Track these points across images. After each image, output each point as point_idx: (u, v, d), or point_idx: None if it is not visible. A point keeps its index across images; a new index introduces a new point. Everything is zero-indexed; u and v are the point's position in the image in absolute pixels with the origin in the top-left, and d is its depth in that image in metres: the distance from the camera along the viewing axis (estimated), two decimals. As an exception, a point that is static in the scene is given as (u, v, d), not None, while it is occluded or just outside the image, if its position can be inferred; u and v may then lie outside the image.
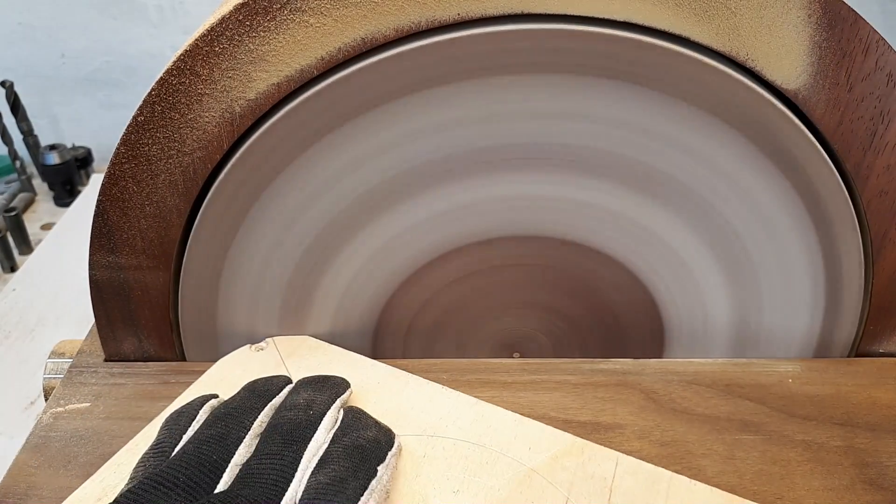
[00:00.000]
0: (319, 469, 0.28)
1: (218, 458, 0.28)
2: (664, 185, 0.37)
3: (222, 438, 0.29)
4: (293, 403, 0.32)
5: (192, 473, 0.28)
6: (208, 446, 0.29)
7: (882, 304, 0.39)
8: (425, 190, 0.37)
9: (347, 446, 0.29)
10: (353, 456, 0.29)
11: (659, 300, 0.41)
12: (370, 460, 0.29)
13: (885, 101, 0.34)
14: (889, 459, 0.34)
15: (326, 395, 0.32)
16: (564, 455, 0.33)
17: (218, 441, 0.29)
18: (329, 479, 0.27)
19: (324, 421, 0.31)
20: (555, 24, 0.33)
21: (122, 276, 0.38)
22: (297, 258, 0.39)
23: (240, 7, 0.32)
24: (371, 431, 0.31)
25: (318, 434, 0.30)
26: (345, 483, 0.27)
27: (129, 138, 0.34)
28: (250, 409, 0.31)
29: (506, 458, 0.32)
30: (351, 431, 0.30)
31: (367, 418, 0.32)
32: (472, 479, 0.32)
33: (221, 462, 0.28)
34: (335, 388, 0.33)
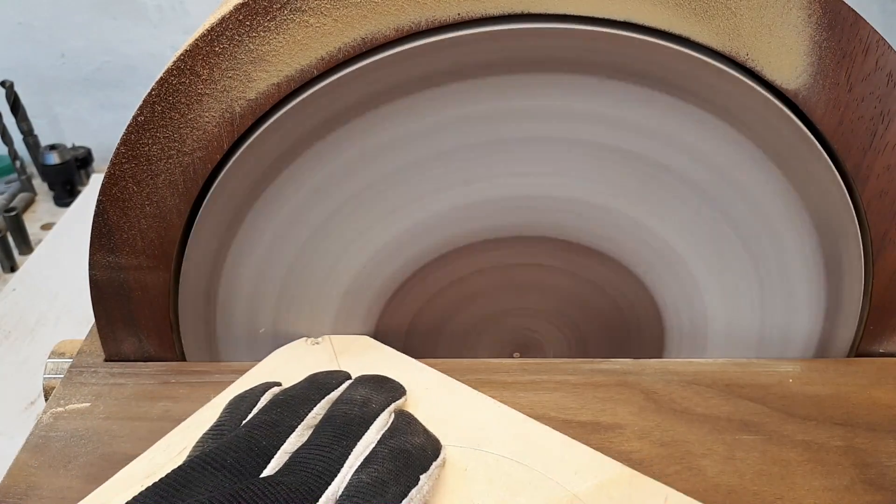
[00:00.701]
0: (363, 468, 0.28)
1: (268, 443, 0.29)
2: (663, 185, 0.37)
3: (275, 425, 0.30)
4: (350, 398, 0.32)
5: (241, 456, 0.28)
6: (259, 431, 0.29)
7: (882, 304, 0.39)
8: (426, 190, 0.37)
9: (393, 449, 0.29)
10: (397, 459, 0.29)
11: (658, 300, 0.41)
12: (414, 467, 0.29)
13: (886, 101, 0.34)
14: (889, 459, 0.34)
15: (383, 396, 0.32)
16: (611, 484, 0.31)
17: (270, 427, 0.29)
18: (371, 479, 0.27)
19: (376, 421, 0.31)
20: (555, 23, 0.33)
21: (122, 276, 0.38)
22: (297, 258, 0.39)
23: (240, 7, 0.32)
24: (419, 438, 0.31)
25: (370, 433, 0.30)
26: (385, 486, 0.27)
27: (129, 138, 0.34)
28: (307, 399, 0.31)
29: (550, 481, 0.31)
30: (399, 434, 0.30)
31: (417, 424, 0.32)
32: (512, 500, 0.31)
33: (271, 448, 0.29)
34: (392, 391, 0.33)
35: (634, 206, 0.38)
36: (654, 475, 0.33)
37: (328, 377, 0.34)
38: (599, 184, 0.37)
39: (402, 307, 0.41)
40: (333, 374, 0.34)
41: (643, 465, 0.34)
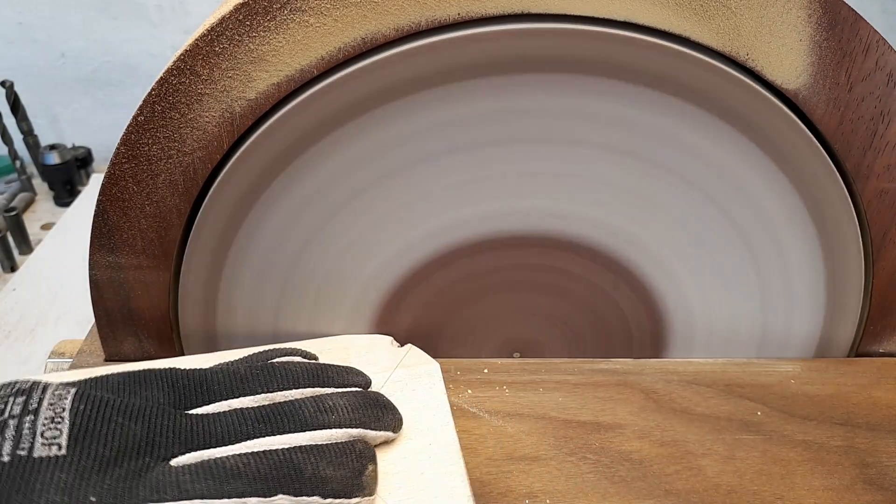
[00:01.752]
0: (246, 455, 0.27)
1: (218, 389, 0.31)
2: (663, 184, 0.37)
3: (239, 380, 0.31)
4: (321, 401, 0.31)
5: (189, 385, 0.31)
6: (222, 377, 0.31)
7: (882, 304, 0.40)
8: (425, 190, 0.37)
9: (291, 461, 0.28)
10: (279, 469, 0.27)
11: (658, 300, 0.41)
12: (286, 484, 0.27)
13: (886, 101, 0.34)
14: (889, 459, 0.34)
15: (354, 416, 0.31)
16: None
17: (233, 379, 0.31)
18: (232, 465, 0.27)
19: (320, 432, 0.30)
20: (555, 23, 0.33)
21: (122, 276, 0.38)
22: (297, 258, 0.39)
23: (240, 7, 0.32)
24: (335, 471, 0.28)
25: (300, 435, 0.29)
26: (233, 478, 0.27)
27: (129, 138, 0.34)
28: (292, 378, 0.32)
29: None
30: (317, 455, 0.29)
31: (352, 461, 0.29)
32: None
33: (217, 394, 0.31)
34: (372, 419, 0.31)
35: (634, 205, 0.38)
36: (654, 475, 0.33)
37: (340, 374, 0.33)
38: (599, 183, 0.37)
39: (403, 307, 0.41)
40: (350, 375, 0.34)
41: (643, 464, 0.34)
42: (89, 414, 0.27)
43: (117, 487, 0.25)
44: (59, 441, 0.26)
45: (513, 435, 0.35)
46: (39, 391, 0.27)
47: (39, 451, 0.25)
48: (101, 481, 0.25)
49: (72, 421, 0.26)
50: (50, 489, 0.24)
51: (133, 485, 0.26)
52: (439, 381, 0.37)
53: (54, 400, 0.27)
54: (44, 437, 0.25)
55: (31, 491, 0.24)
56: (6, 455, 0.25)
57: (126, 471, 0.26)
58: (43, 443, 0.25)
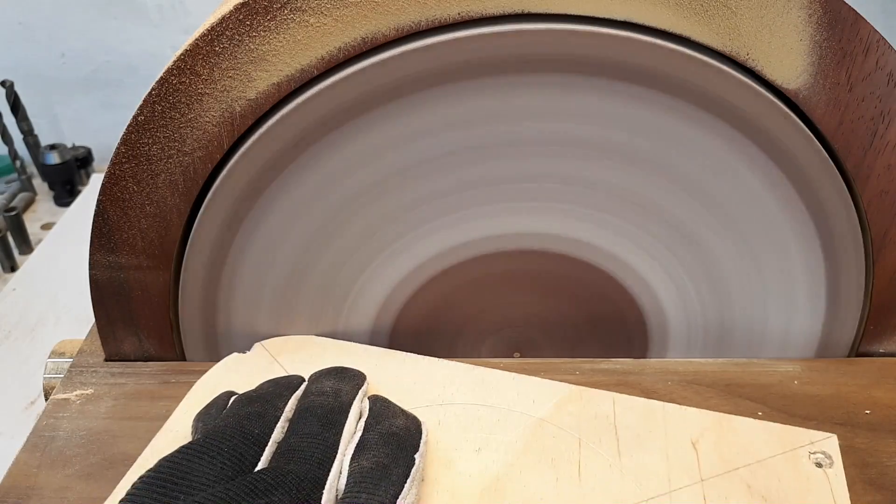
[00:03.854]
0: (360, 454, 0.29)
1: (259, 432, 0.29)
2: (663, 184, 0.37)
3: (261, 416, 0.30)
4: (319, 390, 0.32)
5: (236, 444, 0.28)
6: (248, 421, 0.29)
7: (882, 304, 0.39)
8: (425, 190, 0.37)
9: (383, 434, 0.30)
10: (389, 443, 0.30)
11: (658, 300, 0.41)
12: (406, 448, 0.30)
13: (886, 100, 0.34)
14: (889, 459, 0.34)
15: (350, 385, 0.33)
16: (567, 402, 0.35)
17: (258, 417, 0.30)
18: (372, 464, 0.28)
19: (352, 409, 0.31)
20: (555, 23, 0.33)
21: (122, 276, 0.38)
22: (297, 258, 0.39)
23: (240, 7, 0.32)
24: (400, 420, 0.32)
25: (350, 420, 0.31)
26: (387, 469, 0.28)
27: (129, 138, 0.34)
28: (278, 395, 0.32)
29: (515, 413, 0.35)
30: (383, 420, 0.31)
31: (393, 406, 0.33)
32: (490, 437, 0.34)
33: (262, 436, 0.29)
34: (355, 378, 0.34)
35: (634, 204, 0.38)
36: (655, 475, 0.33)
37: (287, 378, 0.34)
38: (598, 183, 0.37)
39: (403, 307, 0.41)
40: (291, 377, 0.34)
41: (643, 464, 0.34)
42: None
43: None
44: None
45: (513, 435, 0.35)
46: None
47: None
48: None
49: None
50: None
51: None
52: (311, 338, 0.40)
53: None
54: None
55: None
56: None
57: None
58: None
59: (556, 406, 0.35)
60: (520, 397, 0.36)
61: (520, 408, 0.35)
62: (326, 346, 0.40)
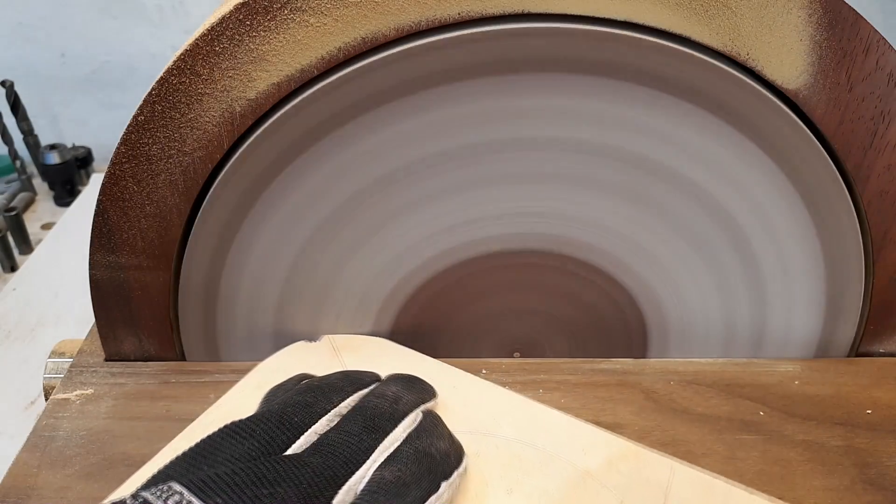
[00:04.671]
0: (387, 465, 0.28)
1: (299, 420, 0.29)
2: (662, 184, 0.37)
3: (308, 406, 0.30)
4: (381, 393, 0.32)
5: (271, 428, 0.28)
6: (293, 409, 0.29)
7: (882, 304, 0.39)
8: (425, 190, 0.37)
9: (418, 450, 0.29)
10: (421, 462, 0.29)
11: (658, 300, 0.41)
12: (436, 473, 0.29)
13: (886, 100, 0.34)
14: (889, 459, 0.34)
15: (414, 396, 0.32)
16: (619, 459, 0.32)
17: (303, 407, 0.30)
18: (393, 478, 0.27)
19: (405, 419, 0.31)
20: (555, 23, 0.33)
21: (122, 276, 0.38)
22: (297, 258, 0.39)
23: (240, 7, 0.32)
24: (444, 443, 0.30)
25: (397, 430, 0.30)
26: (406, 488, 0.27)
27: (129, 138, 0.34)
28: (340, 389, 0.32)
29: (560, 460, 0.32)
30: (425, 436, 0.30)
31: (443, 428, 0.32)
32: (526, 480, 0.31)
33: (302, 425, 0.29)
34: (422, 391, 0.33)
35: (633, 204, 0.38)
36: (655, 475, 0.33)
37: (361, 374, 0.34)
38: (598, 183, 0.37)
39: (404, 306, 0.41)
40: (365, 373, 0.34)
41: (643, 464, 0.34)
42: (234, 500, 0.24)
43: None
44: None
45: (513, 435, 0.35)
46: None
47: None
48: None
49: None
50: None
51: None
52: (378, 340, 0.39)
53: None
54: None
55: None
56: None
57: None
58: None
59: (606, 461, 0.32)
60: (570, 443, 0.33)
61: (567, 454, 0.32)
62: (388, 350, 0.39)
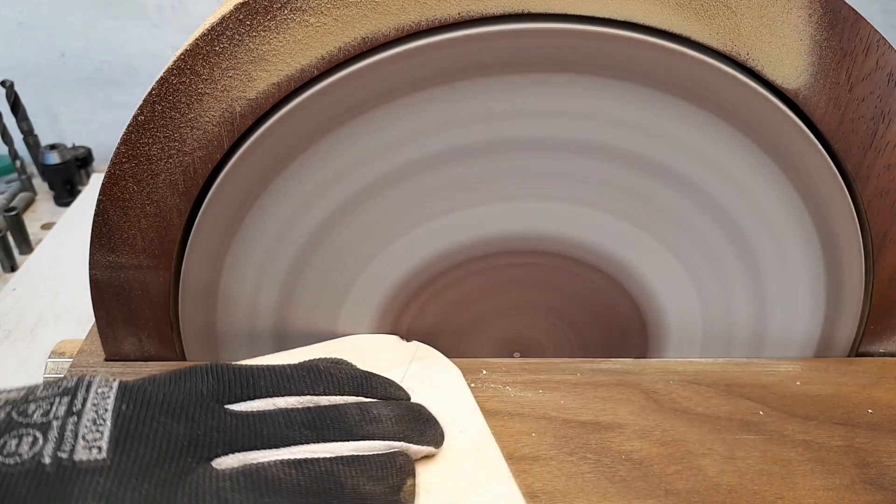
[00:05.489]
0: (288, 464, 0.27)
1: (265, 384, 0.30)
2: (662, 184, 0.37)
3: (285, 379, 0.31)
4: (366, 409, 0.31)
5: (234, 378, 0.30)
6: (269, 374, 0.31)
7: (882, 304, 0.40)
8: (425, 190, 0.37)
9: (331, 473, 0.28)
10: (320, 482, 0.27)
11: (658, 300, 0.41)
12: (324, 499, 0.27)
13: (886, 100, 0.34)
14: (889, 459, 0.34)
15: (398, 429, 0.31)
16: None
17: (279, 377, 0.31)
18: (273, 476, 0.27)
19: (363, 442, 0.29)
20: (555, 23, 0.33)
21: (122, 276, 0.38)
22: (297, 258, 0.39)
23: (240, 6, 0.32)
24: (374, 486, 0.28)
25: (345, 445, 0.29)
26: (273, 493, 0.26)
27: (129, 138, 0.34)
28: (337, 384, 0.32)
29: None
30: (358, 467, 0.28)
31: (392, 476, 0.29)
32: None
33: (263, 391, 0.30)
34: (415, 433, 0.31)
35: (633, 204, 0.38)
36: (655, 475, 0.33)
37: (383, 385, 0.33)
38: (598, 183, 0.37)
39: (404, 306, 0.41)
40: (391, 387, 0.33)
41: (643, 464, 0.34)
42: (131, 414, 0.26)
43: (156, 493, 0.25)
44: (100, 444, 0.25)
45: (513, 435, 0.35)
46: (84, 390, 0.26)
47: (80, 454, 0.24)
48: (140, 486, 0.24)
49: (113, 422, 0.26)
50: (87, 495, 0.24)
51: (172, 490, 0.25)
52: (455, 371, 0.37)
53: (97, 400, 0.26)
54: (85, 439, 0.25)
55: (69, 496, 0.23)
56: (48, 457, 0.24)
57: (167, 473, 0.25)
58: (84, 446, 0.25)
59: None
60: None
61: None
62: (451, 388, 0.36)
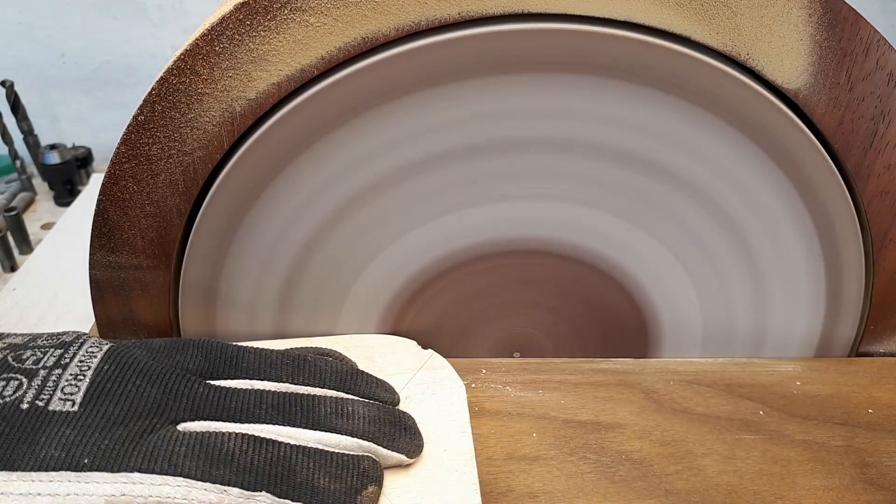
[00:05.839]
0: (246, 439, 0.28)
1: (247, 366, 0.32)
2: (663, 184, 0.37)
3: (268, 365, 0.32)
4: (342, 404, 0.31)
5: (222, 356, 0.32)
6: (253, 357, 0.32)
7: (882, 304, 0.40)
8: (425, 190, 0.37)
9: (287, 459, 0.28)
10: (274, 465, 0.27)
11: (658, 300, 0.41)
12: (272, 483, 0.27)
13: (886, 100, 0.34)
14: (889, 459, 0.34)
15: (370, 428, 0.30)
16: None
17: (262, 362, 0.32)
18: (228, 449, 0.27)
19: (331, 436, 0.29)
20: (555, 23, 0.33)
21: (122, 276, 0.38)
22: (297, 258, 0.39)
23: (240, 6, 0.32)
24: (331, 483, 0.28)
25: (309, 433, 0.29)
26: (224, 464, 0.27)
27: (129, 138, 0.34)
28: (319, 376, 0.32)
29: None
30: (317, 461, 0.28)
31: (352, 478, 0.29)
32: None
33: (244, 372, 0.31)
34: (387, 437, 0.31)
35: (633, 204, 0.38)
36: (655, 475, 0.33)
37: (369, 384, 0.33)
38: (598, 183, 0.37)
39: (404, 306, 0.41)
40: (378, 387, 0.34)
41: (643, 464, 0.34)
42: (110, 374, 0.28)
43: (114, 449, 0.26)
44: (75, 398, 0.27)
45: (513, 435, 0.35)
46: (76, 346, 0.28)
47: (55, 405, 0.26)
48: (101, 440, 0.26)
49: (91, 379, 0.27)
50: (52, 443, 0.25)
51: (130, 448, 0.26)
52: (461, 388, 0.36)
53: (84, 357, 0.28)
54: (63, 392, 0.27)
55: (36, 442, 0.25)
56: (26, 403, 0.26)
57: (130, 431, 0.27)
58: (60, 397, 0.27)
59: None
60: None
61: None
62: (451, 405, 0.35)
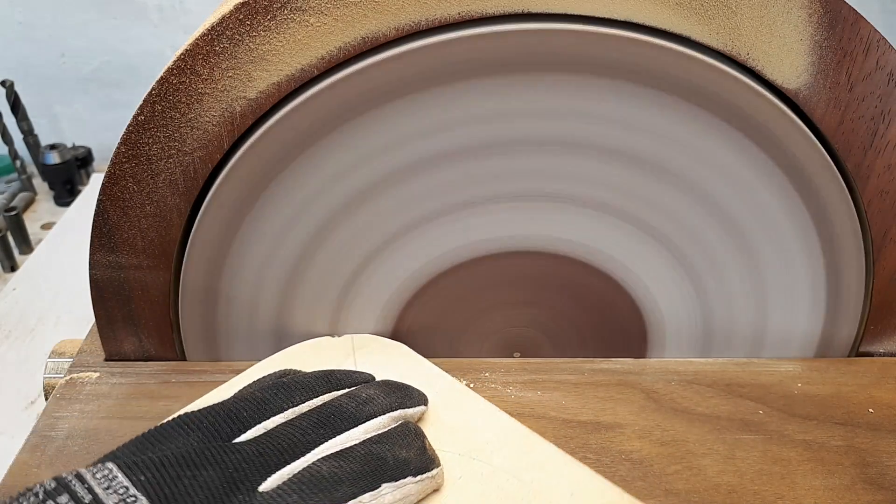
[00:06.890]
0: (329, 459, 0.27)
1: (248, 415, 0.29)
2: (663, 184, 0.37)
3: (263, 402, 0.30)
4: (355, 394, 0.32)
5: (217, 421, 0.28)
6: (244, 403, 0.30)
7: (882, 304, 0.39)
8: (425, 190, 0.37)
9: (371, 453, 0.28)
10: (368, 463, 0.28)
11: (658, 300, 0.41)
12: (381, 475, 0.28)
13: (886, 100, 0.34)
14: (889, 459, 0.34)
15: (390, 400, 0.32)
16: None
17: (257, 403, 0.30)
18: (328, 472, 0.27)
19: (370, 422, 0.30)
20: (555, 23, 0.33)
21: (122, 276, 0.38)
22: (297, 258, 0.39)
23: (240, 6, 0.32)
24: (408, 452, 0.29)
25: (357, 430, 0.29)
26: (338, 484, 0.26)
27: (129, 138, 0.34)
28: (310, 388, 0.31)
29: (542, 499, 0.30)
30: (387, 442, 0.29)
31: (415, 439, 0.30)
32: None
33: (250, 420, 0.29)
34: (405, 398, 0.32)
35: (633, 204, 0.38)
36: (655, 475, 0.33)
37: (348, 374, 0.34)
38: (599, 183, 0.37)
39: (404, 307, 0.41)
40: (357, 374, 0.34)
41: (643, 464, 0.34)
42: (155, 479, 0.24)
43: None
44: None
45: (513, 435, 0.35)
46: (76, 483, 0.24)
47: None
48: None
49: (146, 493, 0.24)
50: None
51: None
52: (399, 346, 0.38)
53: (106, 483, 0.24)
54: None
55: None
56: None
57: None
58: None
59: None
60: (559, 484, 0.30)
61: (552, 495, 0.30)
62: (404, 358, 0.38)
